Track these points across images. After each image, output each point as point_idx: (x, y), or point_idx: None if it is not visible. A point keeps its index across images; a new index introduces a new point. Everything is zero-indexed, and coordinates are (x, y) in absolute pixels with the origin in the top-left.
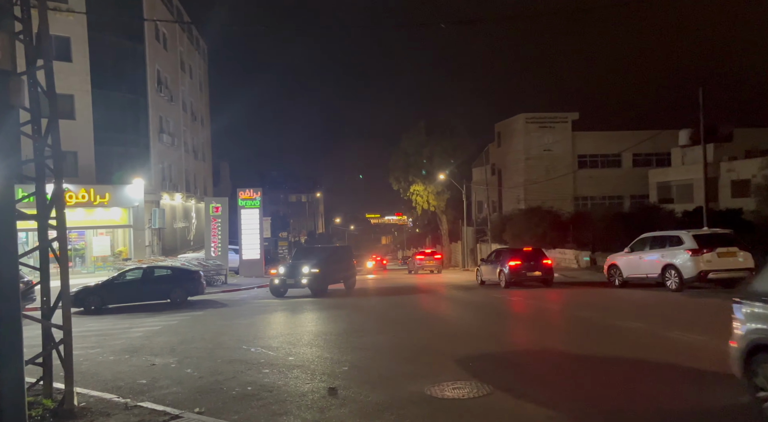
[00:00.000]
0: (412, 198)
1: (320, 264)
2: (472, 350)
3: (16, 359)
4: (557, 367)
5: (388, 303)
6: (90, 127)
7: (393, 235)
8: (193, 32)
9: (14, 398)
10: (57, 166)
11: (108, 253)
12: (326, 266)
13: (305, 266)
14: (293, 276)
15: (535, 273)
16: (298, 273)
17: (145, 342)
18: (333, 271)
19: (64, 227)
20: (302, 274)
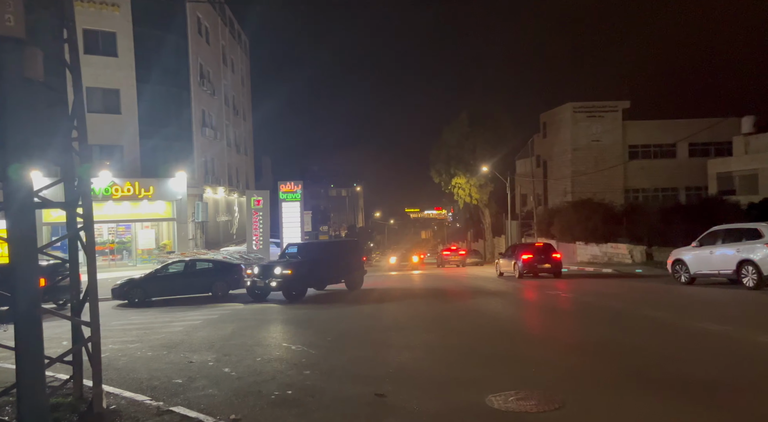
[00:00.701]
0: (453, 191)
1: (294, 264)
2: (531, 352)
3: (36, 359)
4: (641, 378)
5: (386, 309)
6: (135, 121)
7: (433, 230)
8: (235, 26)
9: (34, 402)
10: (83, 149)
11: (153, 246)
12: (306, 266)
13: (277, 266)
14: (265, 278)
15: (545, 265)
16: (269, 275)
17: (184, 337)
18: (323, 270)
19: (91, 215)
20: (273, 276)
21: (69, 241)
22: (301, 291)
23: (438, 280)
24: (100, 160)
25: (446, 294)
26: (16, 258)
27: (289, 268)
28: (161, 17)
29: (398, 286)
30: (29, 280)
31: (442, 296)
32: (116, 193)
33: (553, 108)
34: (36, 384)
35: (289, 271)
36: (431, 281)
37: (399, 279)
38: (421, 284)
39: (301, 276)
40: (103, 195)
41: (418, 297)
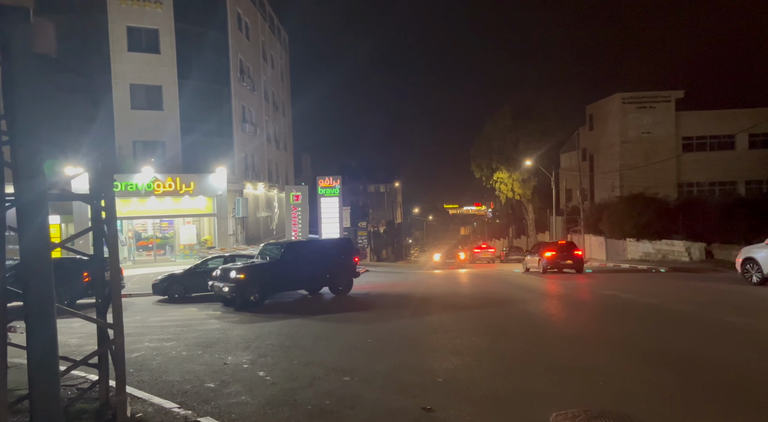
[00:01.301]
0: (495, 186)
1: (249, 268)
2: (595, 361)
3: (49, 365)
4: (734, 399)
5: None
6: (177, 117)
7: (472, 226)
8: (275, 22)
9: (48, 413)
10: (106, 134)
11: (194, 242)
12: (267, 269)
13: (233, 270)
14: (223, 282)
15: (567, 261)
16: (226, 279)
17: (221, 335)
18: (295, 273)
19: (113, 209)
20: (228, 280)
21: (93, 236)
22: (260, 297)
23: (477, 278)
24: (143, 156)
25: (487, 293)
26: (27, 251)
27: (242, 272)
28: (202, 13)
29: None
30: (41, 276)
31: (485, 297)
32: (158, 189)
33: (600, 99)
34: (49, 392)
35: (241, 275)
36: (473, 280)
37: (437, 279)
38: (463, 283)
39: (256, 280)
40: (145, 190)
41: (451, 297)
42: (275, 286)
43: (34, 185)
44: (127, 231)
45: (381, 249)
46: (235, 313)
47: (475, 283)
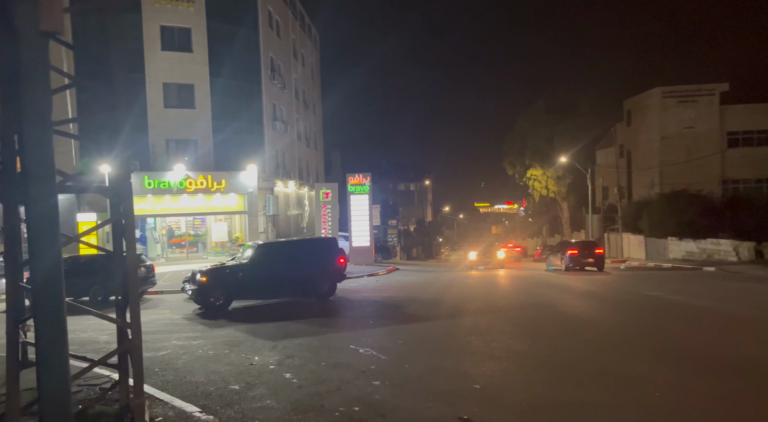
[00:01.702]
0: (528, 183)
1: (211, 271)
2: (646, 368)
3: (58, 365)
4: None
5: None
6: (208, 115)
7: (504, 225)
8: (305, 20)
9: (57, 416)
10: (120, 122)
11: (226, 239)
12: (233, 272)
13: (198, 273)
14: (191, 284)
15: (589, 260)
16: (193, 281)
17: (248, 333)
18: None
19: (130, 200)
20: (194, 282)
21: (113, 231)
22: (223, 301)
23: (513, 279)
24: (175, 154)
25: (523, 294)
26: (36, 246)
27: (205, 275)
28: (233, 11)
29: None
30: (50, 272)
31: (521, 297)
32: (190, 186)
33: (638, 94)
34: (58, 395)
35: (203, 278)
36: (511, 281)
37: (472, 279)
38: (500, 283)
39: (219, 283)
40: (178, 188)
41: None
42: (242, 291)
43: (43, 177)
44: (161, 228)
45: (411, 248)
46: (262, 310)
47: (511, 284)
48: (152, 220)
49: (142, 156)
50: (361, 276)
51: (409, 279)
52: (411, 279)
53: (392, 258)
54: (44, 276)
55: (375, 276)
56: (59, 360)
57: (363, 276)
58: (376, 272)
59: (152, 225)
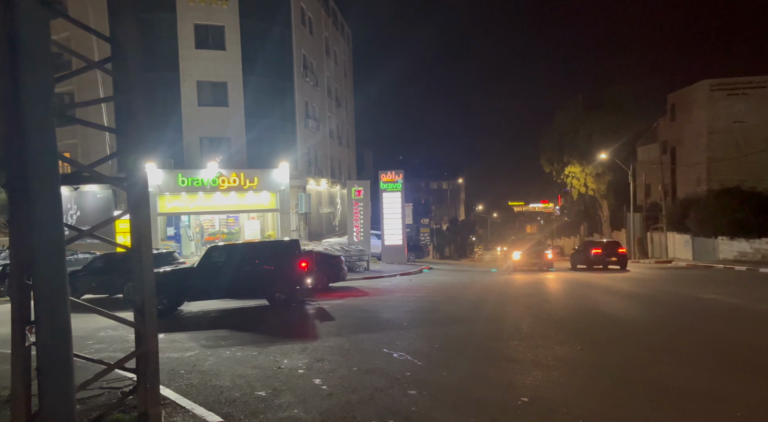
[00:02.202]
0: (566, 181)
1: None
2: (720, 383)
3: (60, 369)
4: None
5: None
6: (241, 113)
7: (539, 224)
8: (338, 17)
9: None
10: (136, 108)
11: (258, 237)
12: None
13: None
14: None
15: (612, 258)
16: None
17: (277, 334)
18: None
19: (145, 192)
20: None
21: (131, 226)
22: (168, 304)
23: (550, 280)
24: (209, 152)
25: (564, 294)
26: (37, 240)
27: None
28: (266, 9)
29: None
30: (52, 266)
31: (563, 298)
32: (223, 184)
33: (683, 88)
34: (59, 403)
35: None
36: (560, 284)
37: (516, 282)
38: (548, 286)
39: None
40: (211, 186)
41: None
42: (189, 293)
43: (43, 165)
44: (195, 226)
45: (444, 247)
46: (296, 311)
47: (550, 285)
48: (186, 218)
49: (176, 154)
50: (393, 275)
51: (444, 279)
52: (445, 279)
53: (425, 257)
54: (46, 273)
55: (408, 275)
56: (62, 366)
57: (395, 276)
58: (408, 271)
59: (186, 222)
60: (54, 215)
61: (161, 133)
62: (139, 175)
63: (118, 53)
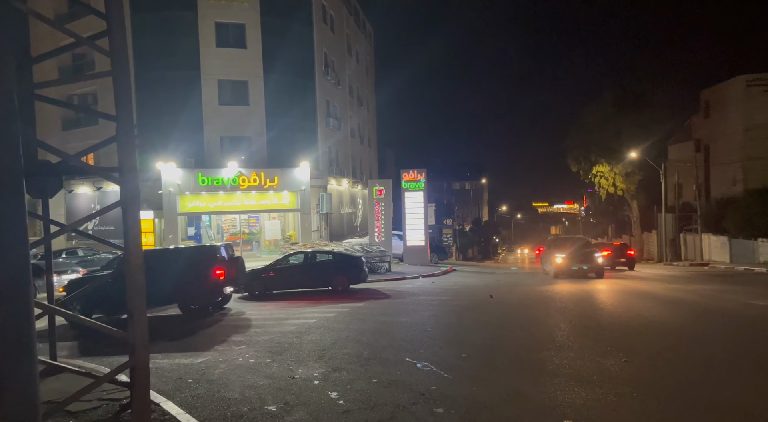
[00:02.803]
0: (594, 180)
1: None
2: None
3: (23, 388)
4: None
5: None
6: (262, 112)
7: (563, 225)
8: (360, 15)
9: None
10: (122, 89)
11: (278, 237)
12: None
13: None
14: None
15: (621, 260)
16: None
17: (294, 339)
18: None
19: (136, 187)
20: None
21: (123, 222)
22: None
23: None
24: (229, 152)
25: (597, 301)
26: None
27: (62, 286)
28: (287, 6)
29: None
30: (15, 270)
31: (597, 306)
32: (243, 184)
33: (717, 84)
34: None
35: (60, 289)
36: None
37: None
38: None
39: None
40: (231, 185)
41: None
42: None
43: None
44: (215, 226)
45: (467, 248)
46: (315, 314)
47: (582, 289)
48: (207, 218)
49: (197, 153)
50: (416, 276)
51: (469, 282)
52: (470, 281)
53: (448, 258)
54: (7, 276)
55: (431, 277)
56: (24, 382)
57: (418, 277)
58: (431, 273)
59: (207, 222)
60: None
61: (182, 132)
62: (131, 165)
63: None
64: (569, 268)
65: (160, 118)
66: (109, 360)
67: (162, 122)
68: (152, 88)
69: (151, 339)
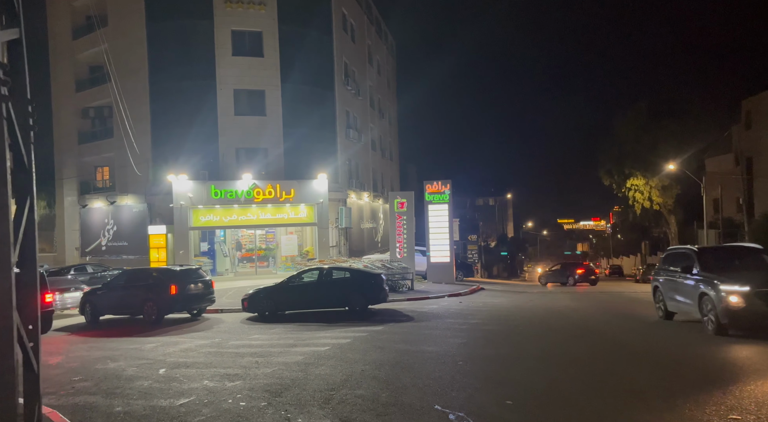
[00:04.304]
0: (628, 194)
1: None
2: None
3: None
4: None
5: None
6: (279, 122)
7: (590, 242)
8: (382, 27)
9: None
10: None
11: (295, 253)
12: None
13: None
14: None
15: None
16: None
17: (299, 374)
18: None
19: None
20: None
21: (23, 232)
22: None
23: (623, 299)
24: (245, 163)
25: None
26: None
27: None
28: (306, 14)
29: None
30: None
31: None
32: (258, 196)
33: (761, 92)
34: None
35: None
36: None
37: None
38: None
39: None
40: (245, 198)
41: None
42: None
43: None
44: (231, 242)
45: (492, 265)
46: (327, 339)
47: (630, 305)
48: (222, 233)
49: (211, 165)
50: (441, 296)
51: (500, 302)
52: (501, 301)
53: (472, 276)
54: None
55: (457, 296)
56: None
57: (443, 297)
58: (458, 292)
59: (222, 237)
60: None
61: (196, 143)
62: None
63: None
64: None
65: (174, 129)
66: None
67: (175, 133)
68: (166, 99)
69: None
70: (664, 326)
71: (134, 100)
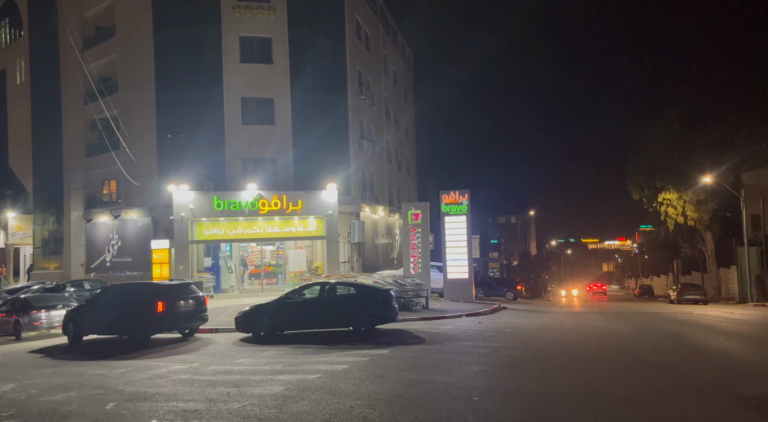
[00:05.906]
0: (660, 209)
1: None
2: None
3: None
4: None
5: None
6: (289, 132)
7: (616, 262)
8: (398, 37)
9: None
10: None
11: (304, 269)
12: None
13: None
14: None
15: None
16: None
17: (271, 411)
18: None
19: None
20: None
21: None
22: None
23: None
24: (253, 174)
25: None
26: None
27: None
28: (318, 19)
29: None
30: None
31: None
32: (263, 208)
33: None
34: None
35: None
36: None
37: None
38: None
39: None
40: (250, 209)
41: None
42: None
43: None
44: (237, 257)
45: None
46: (321, 366)
47: (669, 328)
48: (227, 247)
49: (217, 176)
50: (458, 315)
51: (524, 322)
52: (526, 321)
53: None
54: None
55: (477, 316)
56: None
57: (461, 316)
58: (477, 311)
59: (228, 252)
60: None
61: (201, 153)
62: None
63: None
64: None
65: (179, 140)
66: None
67: (180, 144)
68: (172, 108)
69: None
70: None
71: (141, 110)
